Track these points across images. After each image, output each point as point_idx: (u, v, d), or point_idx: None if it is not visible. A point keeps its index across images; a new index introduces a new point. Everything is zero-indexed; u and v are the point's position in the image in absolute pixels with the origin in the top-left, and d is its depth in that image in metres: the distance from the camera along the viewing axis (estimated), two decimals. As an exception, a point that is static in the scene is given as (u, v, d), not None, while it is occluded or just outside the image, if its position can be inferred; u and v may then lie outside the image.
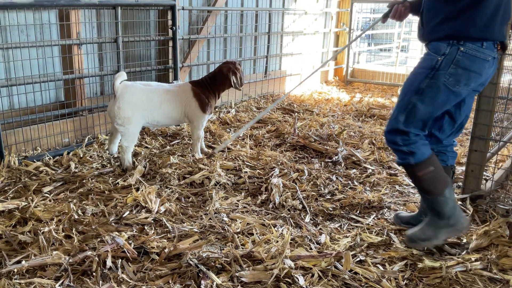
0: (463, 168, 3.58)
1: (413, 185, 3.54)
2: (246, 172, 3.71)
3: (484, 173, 3.42)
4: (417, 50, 10.53)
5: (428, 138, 2.66)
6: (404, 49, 10.67)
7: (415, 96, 2.49)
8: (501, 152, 3.90)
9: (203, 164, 3.77)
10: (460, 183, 3.49)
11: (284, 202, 3.22)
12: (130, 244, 2.56)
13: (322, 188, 3.52)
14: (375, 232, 2.88)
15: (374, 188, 3.57)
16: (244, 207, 3.18)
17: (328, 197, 3.39)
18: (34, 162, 3.71)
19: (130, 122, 3.62)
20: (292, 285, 2.28)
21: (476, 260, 2.53)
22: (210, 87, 3.97)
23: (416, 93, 2.49)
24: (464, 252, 2.64)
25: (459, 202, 3.23)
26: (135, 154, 3.94)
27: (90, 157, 3.92)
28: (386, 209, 3.21)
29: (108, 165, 3.76)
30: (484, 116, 3.19)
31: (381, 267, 2.48)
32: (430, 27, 2.51)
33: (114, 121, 3.67)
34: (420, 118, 2.50)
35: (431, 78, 2.46)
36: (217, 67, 4.07)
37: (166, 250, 2.49)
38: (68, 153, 3.96)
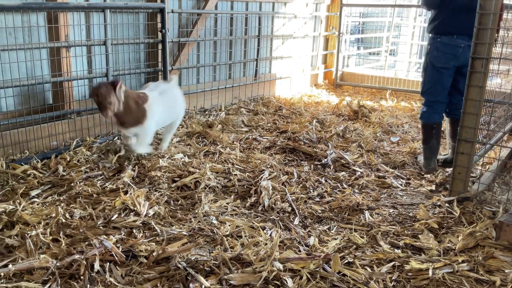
0: (450, 170, 3.61)
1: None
2: (236, 174, 3.71)
3: (471, 175, 3.46)
4: (406, 54, 10.62)
5: (442, 107, 3.97)
6: (393, 53, 10.75)
7: (423, 73, 4.04)
8: (488, 155, 3.94)
9: (192, 167, 3.76)
10: (448, 185, 3.52)
11: (273, 205, 3.23)
12: (118, 247, 2.55)
13: (311, 190, 3.53)
14: (363, 233, 2.89)
15: (363, 191, 3.59)
16: (233, 209, 3.18)
17: (317, 199, 3.41)
18: (22, 165, 3.67)
19: None
20: (281, 287, 2.29)
21: (463, 262, 2.56)
22: None
23: (423, 70, 4.04)
24: (451, 253, 2.66)
25: (446, 204, 3.27)
26: (128, 158, 3.92)
27: (78, 160, 3.90)
28: (370, 211, 3.23)
29: (96, 168, 3.74)
30: (471, 119, 3.22)
31: (369, 269, 2.49)
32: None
33: None
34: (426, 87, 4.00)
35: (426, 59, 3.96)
36: None
37: (154, 254, 2.48)
38: (56, 156, 3.93)
